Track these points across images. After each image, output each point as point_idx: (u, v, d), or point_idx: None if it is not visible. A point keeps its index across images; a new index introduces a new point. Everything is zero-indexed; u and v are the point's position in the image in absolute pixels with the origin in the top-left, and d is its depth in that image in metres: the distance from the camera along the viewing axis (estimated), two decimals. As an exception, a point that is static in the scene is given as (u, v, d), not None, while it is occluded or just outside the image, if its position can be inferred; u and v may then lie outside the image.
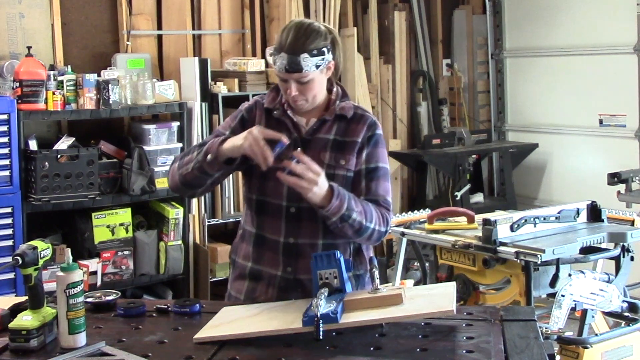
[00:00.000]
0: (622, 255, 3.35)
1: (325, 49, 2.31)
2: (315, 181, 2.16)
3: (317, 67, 2.29)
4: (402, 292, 2.01)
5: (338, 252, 2.10)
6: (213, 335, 2.01)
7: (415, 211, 4.05)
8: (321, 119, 2.40)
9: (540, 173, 6.18)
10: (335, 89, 2.45)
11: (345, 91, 2.48)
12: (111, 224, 4.41)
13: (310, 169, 2.16)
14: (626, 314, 3.28)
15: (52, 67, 4.31)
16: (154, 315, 2.22)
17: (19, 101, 4.11)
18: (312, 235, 2.36)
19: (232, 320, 2.11)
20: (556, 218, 3.45)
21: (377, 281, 2.07)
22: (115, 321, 2.17)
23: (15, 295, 3.87)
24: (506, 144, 6.30)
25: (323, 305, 1.94)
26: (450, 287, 2.09)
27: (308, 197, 2.18)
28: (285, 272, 2.36)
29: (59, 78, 4.25)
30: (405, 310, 1.95)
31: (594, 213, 3.54)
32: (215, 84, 4.86)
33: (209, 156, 2.26)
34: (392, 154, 6.03)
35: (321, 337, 1.86)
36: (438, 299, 2.00)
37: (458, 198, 5.63)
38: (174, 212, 4.58)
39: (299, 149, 2.29)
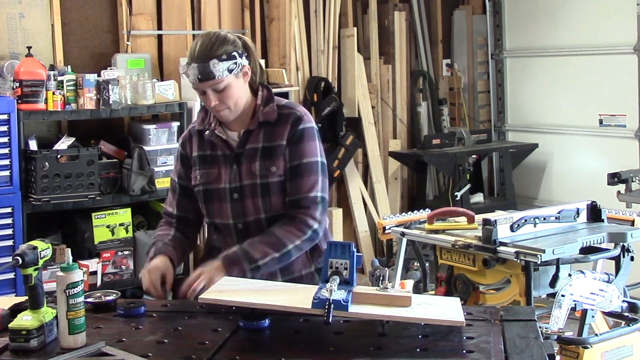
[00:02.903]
0: (622, 255, 3.34)
1: (235, 54, 2.28)
2: (202, 283, 2.26)
3: (230, 71, 2.26)
4: (411, 295, 2.03)
5: (353, 244, 2.11)
6: (219, 299, 2.05)
7: (415, 211, 4.03)
8: (247, 131, 2.38)
9: (540, 173, 6.18)
10: (260, 93, 2.41)
11: (271, 92, 2.43)
12: (111, 224, 4.41)
13: (188, 287, 2.28)
14: (626, 314, 3.27)
15: (52, 67, 4.31)
16: (154, 315, 2.23)
17: (19, 101, 4.11)
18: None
19: (237, 290, 2.12)
20: (556, 218, 3.44)
21: (386, 280, 2.08)
22: (115, 321, 2.17)
23: (15, 295, 3.87)
24: (506, 144, 6.29)
25: (335, 291, 1.95)
26: (456, 302, 2.11)
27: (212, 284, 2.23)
28: None
29: (59, 78, 4.25)
30: (416, 313, 1.96)
31: (594, 213, 3.53)
32: (215, 84, 4.85)
33: None
34: (392, 154, 6.04)
35: (330, 321, 1.87)
36: (448, 310, 2.02)
37: (458, 198, 5.63)
38: (174, 212, 4.56)
39: None
